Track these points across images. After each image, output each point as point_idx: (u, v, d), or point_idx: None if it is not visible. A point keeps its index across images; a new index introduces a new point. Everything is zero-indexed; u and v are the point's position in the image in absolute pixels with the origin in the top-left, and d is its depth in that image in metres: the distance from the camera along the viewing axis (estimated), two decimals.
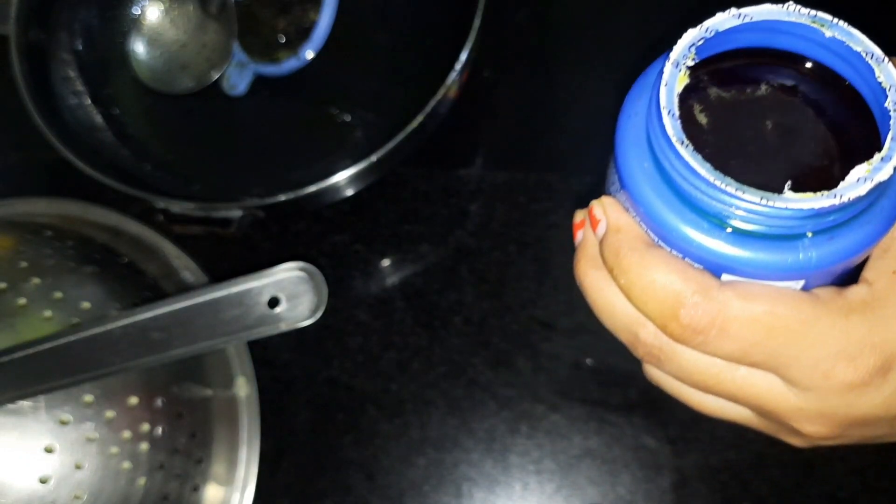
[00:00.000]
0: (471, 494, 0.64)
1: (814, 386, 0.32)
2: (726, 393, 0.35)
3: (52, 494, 0.51)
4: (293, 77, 0.73)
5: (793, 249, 0.30)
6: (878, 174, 0.28)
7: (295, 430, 0.67)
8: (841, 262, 0.31)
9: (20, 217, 0.66)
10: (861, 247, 0.31)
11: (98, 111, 0.72)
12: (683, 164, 0.29)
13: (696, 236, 0.31)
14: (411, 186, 0.72)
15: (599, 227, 0.35)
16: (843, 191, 0.28)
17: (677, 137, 0.29)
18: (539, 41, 0.76)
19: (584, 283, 0.37)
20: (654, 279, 0.32)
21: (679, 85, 0.30)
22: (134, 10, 0.76)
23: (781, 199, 0.28)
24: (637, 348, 0.36)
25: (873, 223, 0.31)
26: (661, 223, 0.32)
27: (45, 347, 0.47)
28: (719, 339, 0.32)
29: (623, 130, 0.34)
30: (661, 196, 0.32)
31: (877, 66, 0.30)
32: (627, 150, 0.33)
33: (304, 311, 0.46)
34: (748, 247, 0.31)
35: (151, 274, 0.64)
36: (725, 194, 0.29)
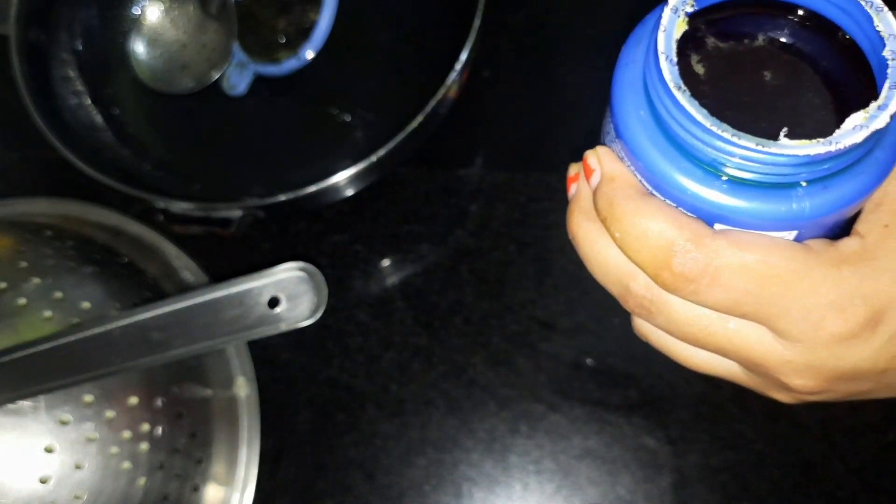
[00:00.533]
0: (471, 494, 0.64)
1: (803, 337, 0.32)
2: (715, 346, 0.35)
3: (52, 494, 0.50)
4: (293, 77, 0.73)
5: (787, 199, 0.30)
6: (875, 122, 0.28)
7: (295, 430, 0.67)
8: (834, 213, 0.31)
9: (20, 217, 0.67)
10: (855, 197, 0.31)
11: (98, 111, 0.72)
12: (680, 109, 0.29)
13: (690, 185, 0.31)
14: (411, 186, 0.72)
15: (593, 177, 0.35)
16: (839, 138, 0.28)
17: (675, 83, 0.29)
18: (538, 41, 0.76)
19: (576, 235, 0.37)
20: (647, 227, 0.32)
21: (677, 31, 0.30)
22: (134, 11, 0.76)
23: (777, 146, 0.28)
24: (628, 300, 0.36)
25: (867, 174, 0.31)
26: (656, 171, 0.32)
27: (45, 347, 0.47)
28: (711, 287, 0.32)
29: (620, 78, 0.34)
30: (656, 144, 0.32)
31: (876, 15, 0.30)
32: (624, 98, 0.33)
33: (304, 311, 0.46)
34: (742, 196, 0.31)
35: (151, 274, 0.64)
36: (721, 140, 0.29)
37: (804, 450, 0.63)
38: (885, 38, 0.30)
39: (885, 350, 0.32)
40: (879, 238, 0.32)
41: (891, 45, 0.30)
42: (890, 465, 0.62)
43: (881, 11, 0.30)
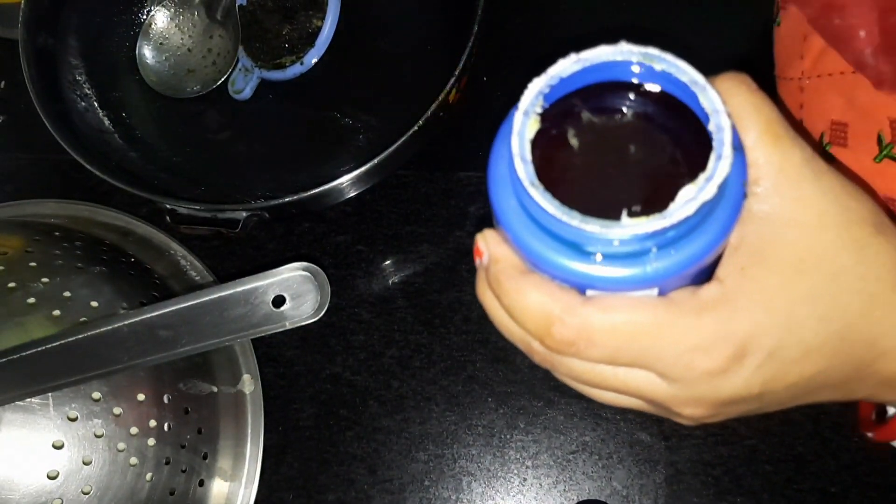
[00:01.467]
0: (470, 488, 0.65)
1: (680, 377, 0.35)
2: (613, 388, 0.38)
3: (61, 490, 0.51)
4: (297, 82, 0.73)
5: (641, 264, 0.33)
6: (702, 193, 0.31)
7: (299, 426, 0.67)
8: (686, 270, 0.33)
9: (30, 218, 0.67)
10: (702, 255, 0.33)
11: (106, 114, 0.72)
12: (534, 203, 0.31)
13: (559, 261, 0.34)
14: (412, 188, 0.72)
15: (483, 258, 0.39)
16: (672, 212, 0.30)
17: (528, 180, 0.32)
18: (536, 47, 0.76)
19: (483, 301, 0.40)
20: (527, 302, 0.36)
21: (530, 131, 0.33)
22: (141, 16, 0.76)
23: (618, 226, 0.31)
24: (534, 356, 0.39)
25: (710, 232, 0.33)
26: (530, 251, 0.35)
27: (54, 345, 0.47)
28: (588, 348, 0.35)
29: (492, 172, 0.37)
30: (527, 229, 0.35)
31: (700, 93, 0.32)
32: (497, 190, 0.36)
33: (307, 310, 0.46)
34: (604, 265, 0.33)
35: (159, 273, 0.64)
36: (570, 227, 0.31)
37: (796, 446, 0.63)
38: (710, 114, 0.32)
39: (755, 377, 0.35)
40: (736, 281, 0.35)
41: (714, 119, 0.32)
42: (880, 460, 0.63)
43: (704, 90, 0.32)
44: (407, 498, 0.65)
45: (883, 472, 0.63)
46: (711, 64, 0.35)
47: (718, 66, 0.36)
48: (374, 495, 0.65)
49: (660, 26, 0.72)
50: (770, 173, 0.35)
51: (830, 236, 0.35)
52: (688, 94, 0.33)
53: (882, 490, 0.62)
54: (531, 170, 0.32)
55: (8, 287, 0.55)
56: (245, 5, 0.74)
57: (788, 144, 0.35)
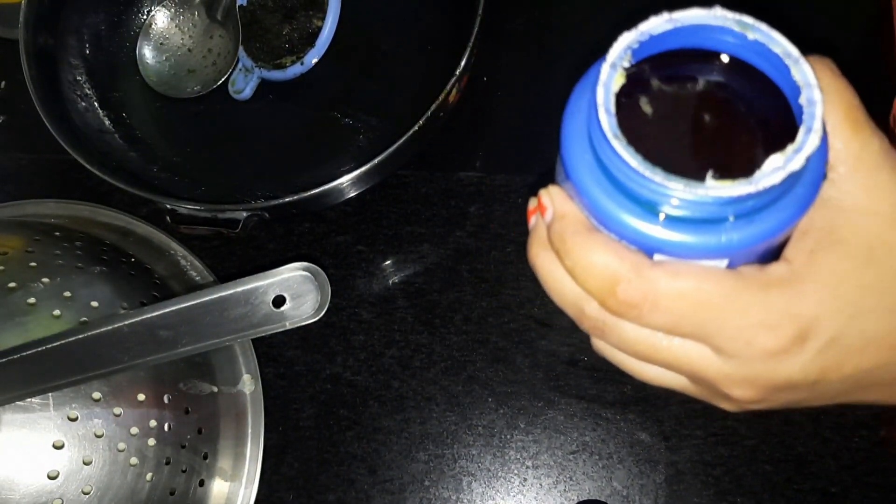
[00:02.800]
0: (470, 489, 0.65)
1: (738, 353, 0.35)
2: (663, 361, 0.38)
3: (61, 489, 0.51)
4: (297, 82, 0.73)
5: (716, 232, 0.32)
6: (791, 164, 0.30)
7: (299, 426, 0.67)
8: (760, 243, 0.33)
9: (30, 218, 0.67)
10: (778, 229, 0.33)
11: (106, 114, 0.72)
12: (617, 155, 0.31)
13: (630, 221, 0.33)
14: (412, 188, 0.72)
15: (547, 214, 0.38)
16: (759, 179, 0.30)
17: (612, 132, 0.31)
18: (536, 47, 0.76)
19: (535, 263, 0.40)
20: (593, 260, 0.35)
21: (616, 84, 0.32)
22: (141, 16, 0.76)
23: (703, 187, 0.30)
24: (583, 322, 0.38)
25: (790, 208, 0.33)
26: (600, 210, 0.34)
27: (54, 345, 0.47)
28: (652, 312, 0.35)
29: (567, 126, 0.36)
30: (599, 185, 0.34)
31: (793, 66, 0.32)
32: (571, 144, 0.35)
33: (308, 310, 0.46)
34: (677, 230, 0.33)
35: (159, 274, 0.64)
36: (653, 183, 0.31)
37: (796, 446, 0.63)
38: (801, 87, 0.32)
39: (814, 363, 0.35)
40: (805, 263, 0.34)
41: (806, 93, 0.32)
42: (881, 461, 0.63)
43: (797, 62, 0.32)
44: (407, 498, 0.65)
45: (883, 472, 0.63)
46: None
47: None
48: (375, 495, 0.65)
49: None
50: (847, 159, 0.35)
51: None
52: (778, 67, 0.33)
53: (882, 490, 0.62)
54: (614, 122, 0.32)
55: (8, 287, 0.55)
56: (245, 5, 0.74)
57: (868, 133, 0.35)
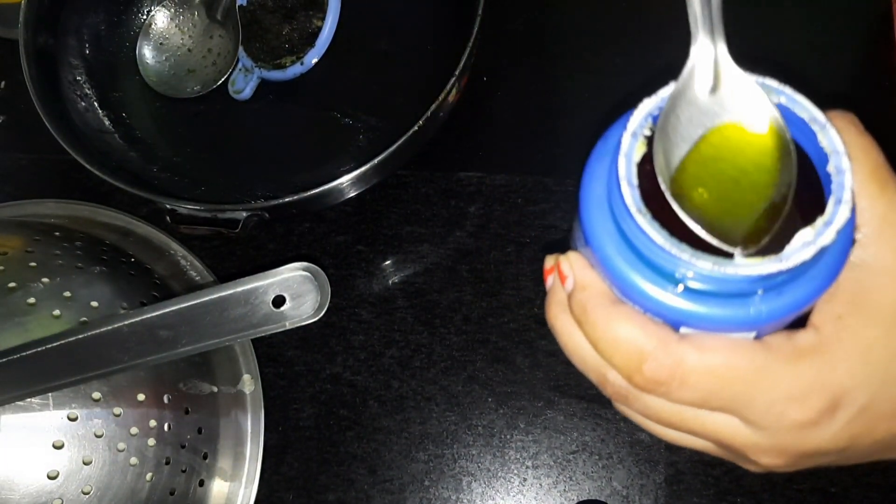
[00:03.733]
0: (470, 489, 0.65)
1: (768, 425, 0.34)
2: (689, 430, 0.37)
3: (61, 489, 0.51)
4: (297, 82, 0.73)
5: (745, 305, 0.32)
6: (821, 238, 0.30)
7: (299, 426, 0.67)
8: (791, 314, 0.32)
9: (30, 218, 0.67)
10: (807, 300, 0.32)
11: (106, 114, 0.72)
12: (641, 231, 0.30)
13: (655, 294, 0.33)
14: (412, 188, 0.72)
15: (567, 283, 0.37)
16: (789, 255, 0.30)
17: (636, 207, 0.30)
18: (536, 47, 0.76)
19: (555, 326, 0.39)
20: (617, 335, 0.34)
21: (637, 154, 0.32)
22: (141, 16, 0.76)
23: (732, 266, 0.30)
24: (606, 388, 0.38)
25: (819, 278, 0.32)
26: (623, 281, 0.33)
27: (54, 345, 0.47)
28: (680, 389, 0.34)
29: (587, 191, 0.35)
30: (622, 255, 0.33)
31: (819, 131, 0.31)
32: (591, 211, 0.34)
33: (308, 310, 0.46)
34: (704, 303, 0.32)
35: (159, 274, 0.64)
36: (680, 260, 0.30)
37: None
38: (829, 154, 0.31)
39: (844, 432, 0.34)
40: (833, 330, 0.34)
41: (833, 160, 0.31)
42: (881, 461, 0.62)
43: (824, 128, 0.31)
44: (407, 498, 0.65)
45: (883, 472, 0.63)
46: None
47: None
48: (374, 495, 0.65)
49: (665, 25, 0.72)
50: (873, 220, 0.34)
51: None
52: (804, 132, 0.32)
53: (882, 490, 0.62)
54: (638, 195, 0.31)
55: (8, 287, 0.55)
56: (245, 5, 0.74)
57: (894, 190, 0.34)
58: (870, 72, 0.74)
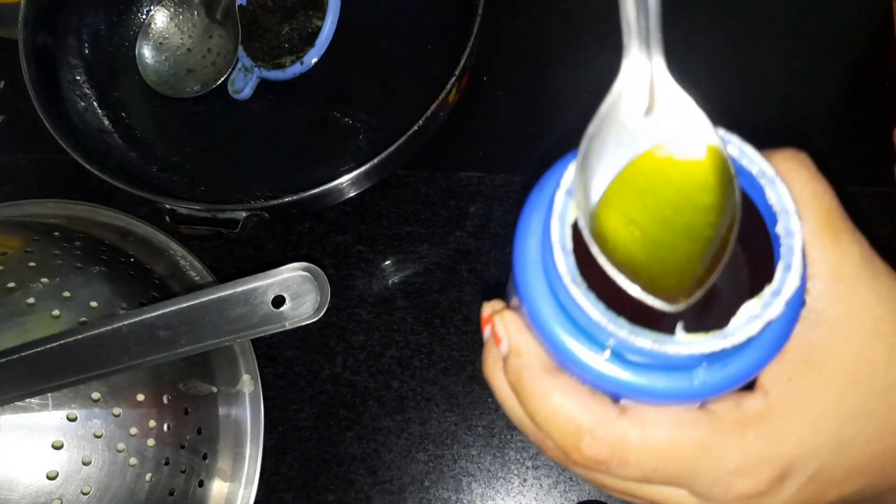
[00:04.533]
0: (470, 489, 0.65)
1: (716, 498, 0.33)
2: (641, 499, 0.36)
3: (60, 490, 0.50)
4: (297, 82, 0.73)
5: (688, 377, 0.29)
6: (769, 311, 0.27)
7: (298, 426, 0.67)
8: (737, 385, 0.30)
9: (29, 218, 0.67)
10: (754, 370, 0.30)
11: (106, 114, 0.72)
12: (575, 303, 0.28)
13: (594, 364, 0.30)
14: (412, 188, 0.72)
15: (502, 346, 0.35)
16: (734, 331, 0.27)
17: (570, 276, 0.28)
18: (536, 47, 0.76)
19: (492, 383, 0.37)
20: (554, 409, 0.32)
21: (572, 214, 0.29)
22: (140, 16, 0.76)
23: (673, 343, 0.27)
24: (547, 451, 0.36)
25: (766, 346, 0.30)
26: (560, 350, 0.31)
27: (54, 346, 0.47)
28: (621, 468, 0.32)
29: (520, 249, 0.32)
30: (559, 322, 0.30)
31: (768, 187, 0.29)
32: (526, 271, 0.31)
33: (307, 310, 0.46)
34: (645, 375, 0.30)
35: (158, 274, 0.64)
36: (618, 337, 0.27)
37: None
38: (778, 213, 0.28)
39: (794, 498, 0.33)
40: (783, 393, 0.32)
41: (783, 221, 0.28)
42: None
43: (773, 183, 0.29)
44: (407, 498, 0.65)
45: None
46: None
47: None
48: (374, 496, 0.65)
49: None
50: (825, 271, 0.32)
51: (885, 346, 0.32)
52: (753, 185, 0.29)
53: None
54: (572, 262, 0.28)
55: (7, 287, 0.54)
56: (245, 5, 0.74)
57: (847, 240, 0.32)
58: (870, 72, 0.74)
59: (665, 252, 0.29)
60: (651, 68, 0.30)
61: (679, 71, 0.30)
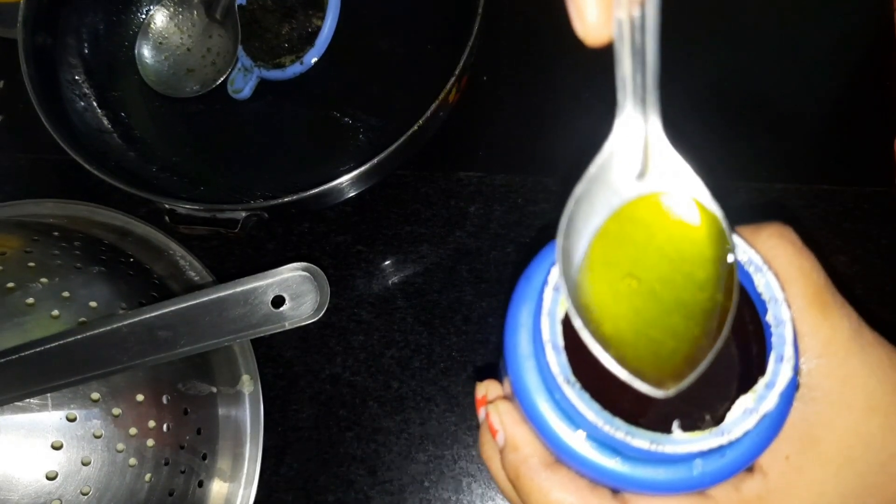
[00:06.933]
0: (470, 490, 0.64)
1: None
2: None
3: (59, 490, 0.50)
4: (297, 81, 0.73)
5: (686, 469, 0.30)
6: (763, 404, 0.28)
7: (298, 427, 0.67)
8: (735, 473, 0.30)
9: (28, 218, 0.67)
10: (752, 457, 0.30)
11: (105, 114, 0.72)
12: (570, 403, 0.28)
13: (592, 458, 0.30)
14: (412, 188, 0.72)
15: (498, 438, 0.35)
16: (730, 427, 0.27)
17: (563, 376, 0.28)
18: (536, 47, 0.76)
19: (490, 468, 0.37)
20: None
21: (561, 310, 0.29)
22: (140, 15, 0.76)
23: (671, 442, 0.27)
24: None
25: (764, 432, 0.30)
26: (557, 445, 0.31)
27: (53, 346, 0.47)
28: None
29: (512, 342, 0.32)
30: (555, 417, 0.30)
31: (756, 275, 0.29)
32: (519, 365, 0.31)
33: (307, 310, 0.46)
34: (644, 469, 0.30)
35: (158, 274, 0.64)
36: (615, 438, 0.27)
37: None
38: (767, 302, 0.28)
39: None
40: (781, 472, 0.32)
41: (773, 309, 0.28)
42: None
43: (760, 271, 0.29)
44: (407, 499, 0.65)
45: None
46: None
47: None
48: (374, 496, 0.65)
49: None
50: (816, 347, 0.31)
51: (879, 420, 0.32)
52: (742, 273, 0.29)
53: None
54: (565, 362, 0.28)
55: (7, 287, 0.54)
56: (245, 5, 0.74)
57: (837, 315, 0.32)
58: (870, 72, 0.74)
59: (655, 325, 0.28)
60: (646, 129, 0.28)
61: (679, 71, 0.29)
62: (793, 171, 0.70)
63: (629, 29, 0.27)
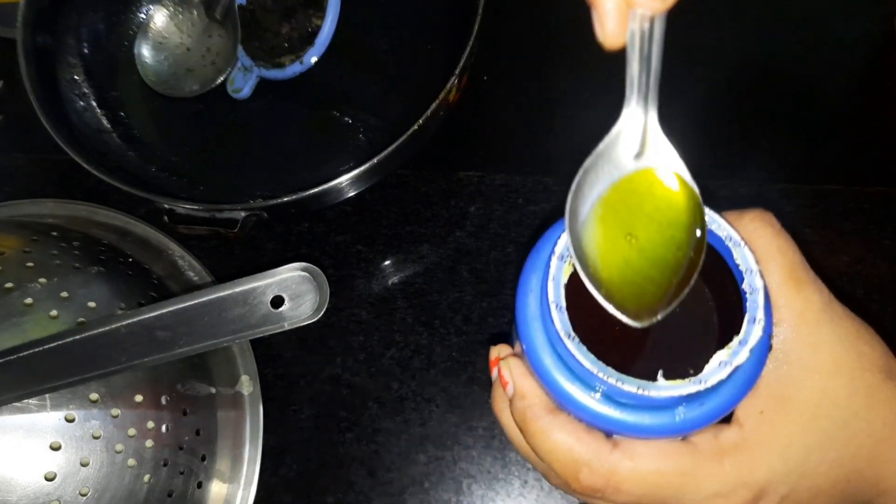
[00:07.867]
0: (470, 491, 0.64)
1: None
2: None
3: (58, 491, 0.50)
4: (297, 81, 0.73)
5: (670, 415, 0.34)
6: (737, 358, 0.32)
7: (298, 427, 0.67)
8: (713, 420, 0.35)
9: (27, 218, 0.66)
10: (727, 408, 0.35)
11: (104, 114, 0.72)
12: (570, 354, 0.33)
13: (588, 405, 0.35)
14: (412, 188, 0.72)
15: (508, 389, 0.40)
16: (707, 377, 0.32)
17: (564, 331, 0.33)
18: (536, 47, 0.76)
19: (500, 419, 0.43)
20: (555, 445, 0.37)
21: (565, 276, 0.34)
22: (140, 15, 0.76)
23: (655, 388, 0.32)
24: (550, 479, 0.41)
25: (738, 386, 0.34)
26: (559, 393, 0.36)
27: (52, 346, 0.47)
28: (615, 495, 0.37)
29: (522, 305, 0.37)
30: (557, 369, 0.35)
31: (735, 249, 0.34)
32: (528, 324, 0.37)
33: (306, 311, 0.46)
34: (633, 413, 0.35)
35: (157, 274, 0.64)
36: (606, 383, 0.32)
37: None
38: (744, 272, 0.34)
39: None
40: (755, 425, 0.37)
41: (748, 279, 0.33)
42: None
43: (739, 246, 0.34)
44: (407, 500, 0.65)
45: None
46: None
47: None
48: (374, 497, 0.65)
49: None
50: (790, 317, 0.36)
51: (844, 381, 0.37)
52: (722, 248, 0.34)
53: None
54: (566, 319, 0.33)
55: (5, 287, 0.54)
56: (245, 4, 0.74)
57: (810, 289, 0.37)
58: (870, 73, 0.74)
59: (640, 273, 0.34)
60: (646, 120, 0.35)
61: (683, 70, 0.35)
62: (793, 171, 0.70)
63: (640, 38, 0.34)
